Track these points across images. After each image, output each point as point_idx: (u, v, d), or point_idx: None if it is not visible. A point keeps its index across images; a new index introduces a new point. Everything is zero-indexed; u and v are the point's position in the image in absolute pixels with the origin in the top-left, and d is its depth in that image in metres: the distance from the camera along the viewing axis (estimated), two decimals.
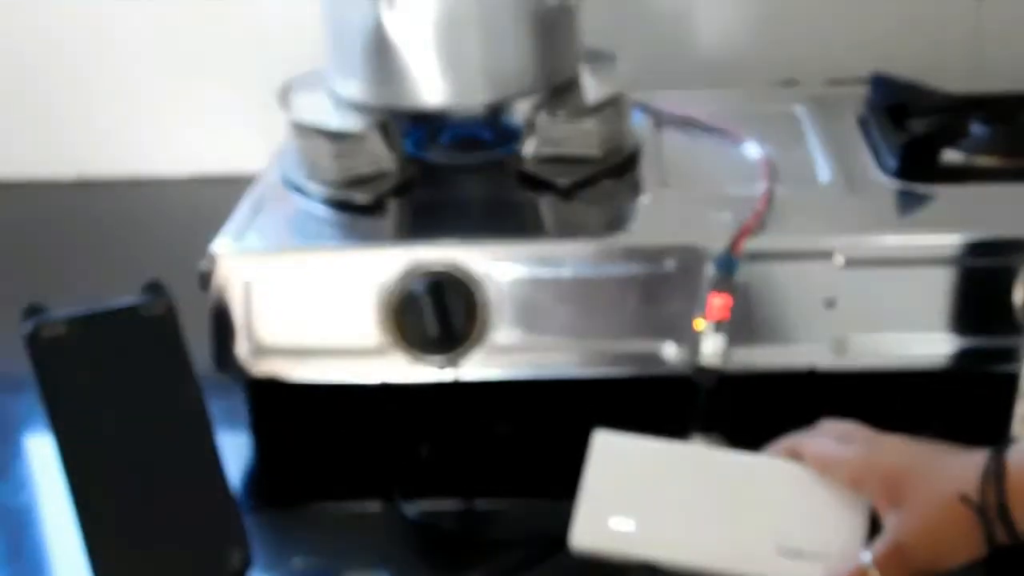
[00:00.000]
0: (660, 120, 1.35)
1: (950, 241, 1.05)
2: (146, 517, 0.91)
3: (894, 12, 1.56)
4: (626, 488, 0.91)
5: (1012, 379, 0.89)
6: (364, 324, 1.07)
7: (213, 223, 1.15)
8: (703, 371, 1.02)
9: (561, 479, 0.98)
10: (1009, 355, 1.03)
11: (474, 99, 1.24)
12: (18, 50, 1.66)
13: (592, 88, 1.27)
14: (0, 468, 1.10)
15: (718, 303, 1.03)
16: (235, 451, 1.08)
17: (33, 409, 1.07)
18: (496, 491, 1.04)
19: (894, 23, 1.56)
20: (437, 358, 1.07)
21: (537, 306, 1.07)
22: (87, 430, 0.91)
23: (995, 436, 0.88)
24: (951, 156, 1.19)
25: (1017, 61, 1.51)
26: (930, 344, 1.05)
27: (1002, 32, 1.55)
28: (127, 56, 1.66)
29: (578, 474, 0.96)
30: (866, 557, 0.82)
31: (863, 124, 1.31)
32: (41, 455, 1.09)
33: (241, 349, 1.09)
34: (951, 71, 1.52)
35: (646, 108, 1.37)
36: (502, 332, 1.07)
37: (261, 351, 1.09)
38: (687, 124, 1.34)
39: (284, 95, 1.29)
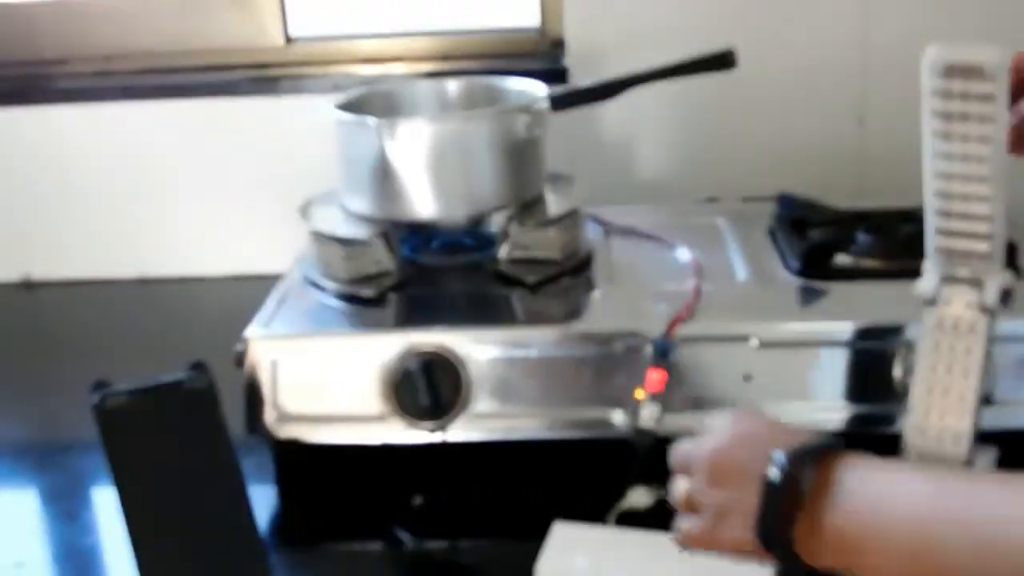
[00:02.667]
0: (609, 230, 1.36)
1: (843, 327, 1.05)
2: (190, 554, 0.90)
3: (795, 142, 1.58)
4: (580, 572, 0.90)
5: (895, 439, 0.89)
6: (368, 396, 1.07)
7: (246, 313, 1.15)
8: (642, 434, 1.02)
9: (528, 523, 0.97)
10: (891, 419, 1.03)
11: (458, 213, 1.24)
12: (95, 180, 1.67)
13: (554, 203, 1.28)
14: (72, 514, 1.09)
15: (655, 378, 1.02)
16: (263, 500, 1.07)
17: (99, 466, 1.06)
18: (476, 532, 1.03)
19: (795, 151, 1.58)
20: (428, 424, 1.06)
21: (510, 381, 1.06)
22: (143, 484, 0.91)
23: None
24: (842, 259, 1.20)
25: (894, 181, 1.52)
26: (828, 411, 1.05)
27: (882, 157, 1.57)
28: (180, 179, 1.66)
29: (543, 518, 0.96)
30: None
31: (772, 233, 1.31)
32: (105, 505, 1.08)
33: (269, 416, 1.08)
34: (840, 190, 1.54)
35: (597, 220, 1.37)
36: (482, 403, 1.06)
37: (285, 418, 1.08)
38: (630, 233, 1.35)
39: (305, 209, 1.30)
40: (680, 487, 0.78)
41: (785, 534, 0.70)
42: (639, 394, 1.03)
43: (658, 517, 0.98)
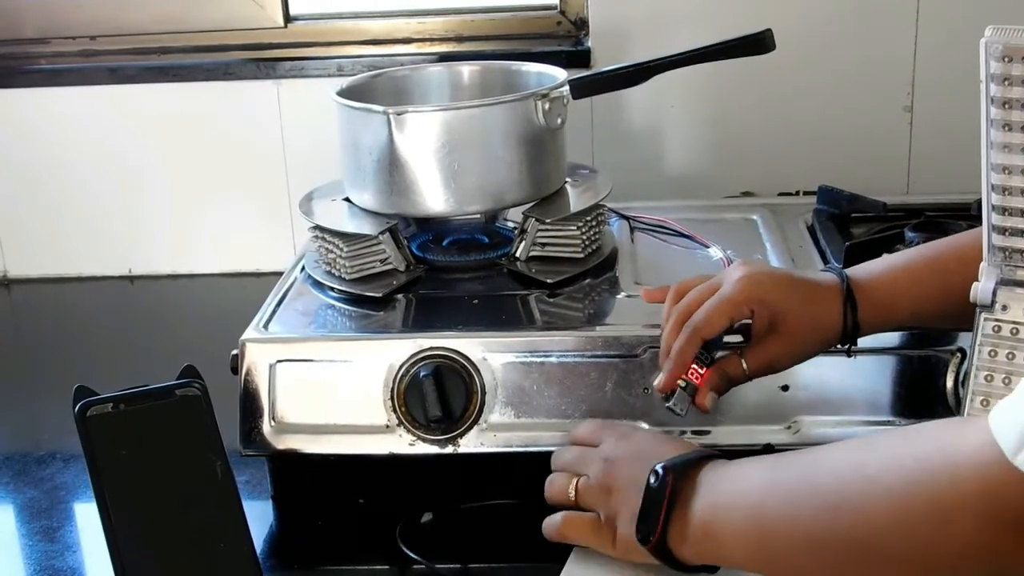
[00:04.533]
0: (635, 226, 1.36)
1: (888, 333, 1.04)
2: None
3: (836, 132, 1.57)
4: None
5: None
6: (374, 405, 1.07)
7: (242, 314, 1.15)
8: (671, 412, 0.99)
9: (545, 544, 0.96)
10: None
11: (472, 208, 1.24)
12: (78, 167, 1.67)
13: (575, 198, 1.28)
14: (50, 532, 1.08)
15: (700, 371, 0.98)
16: (259, 517, 1.07)
17: (81, 480, 1.06)
18: (490, 553, 1.03)
19: (837, 141, 1.57)
20: (438, 435, 1.06)
21: (527, 390, 1.06)
22: (128, 497, 0.90)
23: None
24: None
25: (945, 174, 1.52)
26: (872, 426, 1.04)
27: (932, 148, 1.56)
28: (170, 168, 1.67)
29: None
30: None
31: (811, 230, 1.31)
32: (87, 522, 1.08)
33: (265, 426, 1.08)
34: (886, 183, 1.53)
35: (622, 215, 1.37)
36: (496, 413, 1.06)
37: (283, 428, 1.08)
38: (658, 229, 1.35)
39: (306, 203, 1.30)
40: (564, 483, 0.95)
41: (661, 531, 0.83)
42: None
43: None
